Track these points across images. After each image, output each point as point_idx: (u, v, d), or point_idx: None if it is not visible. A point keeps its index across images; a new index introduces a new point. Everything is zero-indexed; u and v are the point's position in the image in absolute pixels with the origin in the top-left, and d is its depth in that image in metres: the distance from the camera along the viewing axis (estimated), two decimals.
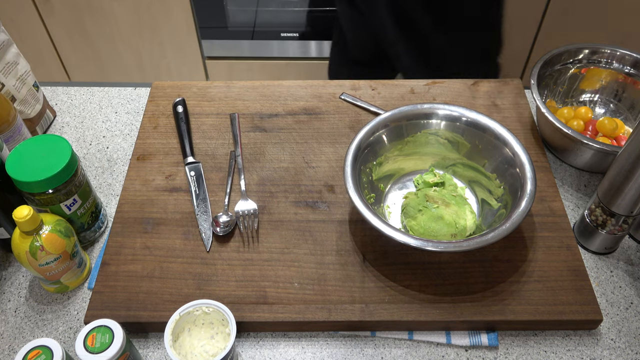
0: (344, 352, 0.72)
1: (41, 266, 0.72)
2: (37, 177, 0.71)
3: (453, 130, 0.85)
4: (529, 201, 0.73)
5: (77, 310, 0.77)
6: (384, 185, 0.86)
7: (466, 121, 0.84)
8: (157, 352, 0.73)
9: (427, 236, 0.77)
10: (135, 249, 0.79)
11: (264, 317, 0.72)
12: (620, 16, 1.91)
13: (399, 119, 0.85)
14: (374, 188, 0.83)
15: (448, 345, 0.73)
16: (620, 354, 0.72)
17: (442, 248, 0.70)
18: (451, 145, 0.86)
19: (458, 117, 0.85)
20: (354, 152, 0.79)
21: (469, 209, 0.81)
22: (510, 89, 1.00)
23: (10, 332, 0.75)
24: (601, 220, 0.77)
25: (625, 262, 0.80)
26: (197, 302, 0.69)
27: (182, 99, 0.98)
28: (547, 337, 0.73)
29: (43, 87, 1.01)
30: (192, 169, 0.89)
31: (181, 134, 0.93)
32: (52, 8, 1.97)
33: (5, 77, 0.89)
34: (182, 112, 0.96)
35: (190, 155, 0.90)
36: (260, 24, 1.96)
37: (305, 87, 1.02)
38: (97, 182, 0.92)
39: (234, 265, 0.78)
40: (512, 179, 0.79)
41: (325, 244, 0.79)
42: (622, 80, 0.95)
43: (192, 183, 0.86)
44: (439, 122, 0.85)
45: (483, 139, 0.83)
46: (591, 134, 0.92)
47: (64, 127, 1.00)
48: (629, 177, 0.70)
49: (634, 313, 0.75)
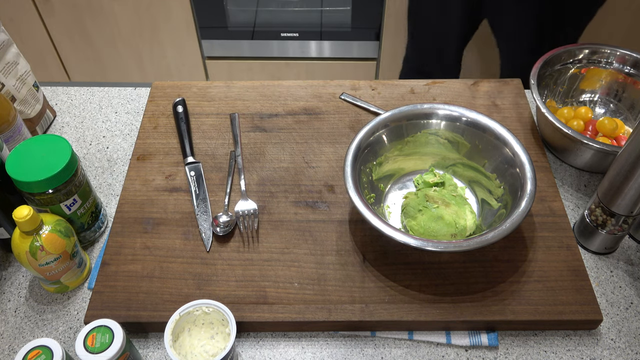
0: (344, 352, 0.72)
1: (41, 266, 0.72)
2: (37, 177, 0.71)
3: (453, 130, 0.85)
4: (529, 201, 0.73)
5: (77, 310, 0.77)
6: (384, 185, 0.86)
7: (466, 121, 0.84)
8: (157, 352, 0.73)
9: (427, 236, 0.77)
10: (135, 249, 0.79)
11: (264, 317, 0.72)
12: (621, 16, 1.91)
13: (399, 119, 0.85)
14: (374, 188, 0.83)
15: (448, 345, 0.73)
16: (620, 354, 0.72)
17: (442, 248, 0.70)
18: (451, 145, 0.86)
19: (458, 117, 0.85)
20: (354, 152, 0.79)
21: (469, 209, 0.81)
22: (510, 89, 1.00)
23: (10, 332, 0.75)
24: (601, 220, 0.77)
25: (625, 262, 0.80)
26: (197, 302, 0.69)
27: (182, 99, 0.98)
28: (547, 337, 0.73)
29: (43, 87, 1.01)
30: (192, 169, 0.89)
31: (181, 134, 0.93)
32: (52, 8, 1.97)
33: (5, 77, 0.89)
34: (182, 112, 0.96)
35: (190, 155, 0.90)
36: (260, 24, 1.96)
37: (305, 87, 1.02)
38: (97, 182, 0.92)
39: (234, 265, 0.78)
40: (512, 179, 0.79)
41: (325, 244, 0.79)
42: (622, 80, 0.95)
43: (192, 183, 0.86)
44: (439, 122, 0.85)
45: (483, 139, 0.83)
46: (591, 134, 0.92)
47: (64, 127, 1.00)
48: (629, 177, 0.70)
49: (634, 313, 0.75)
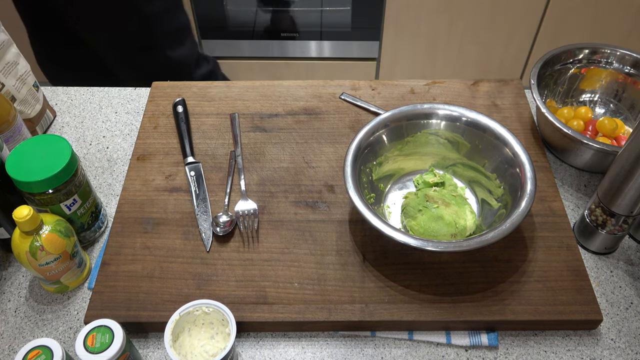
0: (344, 352, 0.72)
1: (41, 266, 0.72)
2: (37, 177, 0.71)
3: (453, 130, 0.85)
4: (529, 201, 0.73)
5: (77, 310, 0.77)
6: (384, 185, 0.86)
7: (466, 121, 0.84)
8: (157, 352, 0.73)
9: (427, 236, 0.77)
10: (135, 249, 0.79)
11: (264, 317, 0.72)
12: (621, 16, 1.91)
13: (399, 119, 0.85)
14: (374, 188, 0.83)
15: (448, 345, 0.73)
16: (620, 354, 0.72)
17: (442, 248, 0.70)
18: (451, 145, 0.86)
19: (458, 117, 0.85)
20: (354, 152, 0.79)
21: (469, 209, 0.81)
22: (510, 89, 1.00)
23: (10, 332, 0.75)
24: (601, 220, 0.77)
25: (625, 262, 0.80)
26: (197, 302, 0.69)
27: (182, 99, 0.98)
28: (547, 337, 0.73)
29: (43, 87, 1.01)
30: (192, 169, 0.89)
31: (181, 134, 0.93)
32: None
33: (5, 77, 0.89)
34: (182, 112, 0.96)
35: (190, 155, 0.90)
36: (260, 24, 1.96)
37: (305, 87, 1.02)
38: (97, 182, 0.92)
39: (234, 265, 0.78)
40: (512, 179, 0.79)
41: (325, 244, 0.79)
42: (622, 80, 0.95)
43: (192, 183, 0.86)
44: (439, 122, 0.85)
45: (483, 139, 0.83)
46: (591, 134, 0.92)
47: (64, 127, 1.00)
48: (629, 177, 0.70)
49: (634, 313, 0.75)
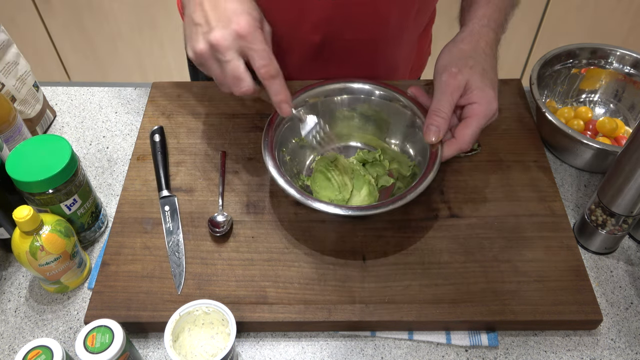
0: (344, 352, 0.72)
1: (41, 266, 0.72)
2: (37, 177, 0.71)
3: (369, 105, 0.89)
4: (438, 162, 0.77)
5: (77, 310, 0.77)
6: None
7: (379, 95, 0.88)
8: (157, 352, 0.73)
9: (318, 196, 0.83)
10: (135, 249, 0.79)
11: (264, 317, 0.72)
12: (621, 16, 1.91)
13: (317, 95, 0.88)
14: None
15: (448, 345, 0.73)
16: (620, 354, 0.72)
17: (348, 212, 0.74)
18: (367, 121, 0.90)
19: (370, 91, 0.88)
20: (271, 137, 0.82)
21: (367, 185, 0.85)
22: (510, 89, 1.00)
23: (10, 332, 0.75)
24: (601, 220, 0.77)
25: (625, 262, 0.80)
26: (197, 302, 0.69)
27: (159, 127, 0.92)
28: (547, 337, 0.73)
29: (43, 87, 1.01)
30: (166, 203, 0.83)
31: (157, 165, 0.87)
32: (52, 8, 1.97)
33: (5, 77, 0.89)
34: (159, 142, 0.90)
35: (165, 189, 0.85)
36: None
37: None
38: (97, 182, 0.92)
39: (234, 265, 0.78)
40: (422, 144, 0.82)
41: (325, 244, 0.79)
42: (622, 80, 0.95)
43: (167, 218, 0.82)
44: (357, 98, 0.89)
45: (391, 108, 0.87)
46: (591, 134, 0.92)
47: (64, 127, 1.00)
48: (629, 177, 0.70)
49: (634, 313, 0.75)
